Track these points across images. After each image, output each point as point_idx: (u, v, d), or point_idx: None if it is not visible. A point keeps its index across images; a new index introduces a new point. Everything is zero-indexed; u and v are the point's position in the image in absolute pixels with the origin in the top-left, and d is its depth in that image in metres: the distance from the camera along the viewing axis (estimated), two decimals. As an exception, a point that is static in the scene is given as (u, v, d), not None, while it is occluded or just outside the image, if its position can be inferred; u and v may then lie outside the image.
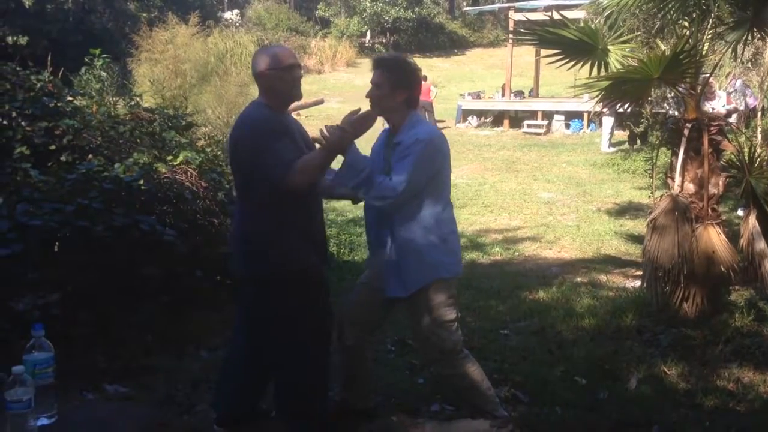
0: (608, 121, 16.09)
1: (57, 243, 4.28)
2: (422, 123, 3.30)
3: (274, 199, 3.01)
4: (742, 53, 5.79)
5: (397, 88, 3.21)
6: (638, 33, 7.57)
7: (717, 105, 11.28)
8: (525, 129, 20.00)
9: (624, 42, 5.36)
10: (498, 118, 21.38)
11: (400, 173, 3.08)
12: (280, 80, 3.08)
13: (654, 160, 6.00)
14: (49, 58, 8.71)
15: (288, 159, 2.95)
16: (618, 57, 5.16)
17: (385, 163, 3.24)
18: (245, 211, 3.14)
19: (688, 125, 5.00)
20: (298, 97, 3.21)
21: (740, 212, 7.86)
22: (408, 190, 3.08)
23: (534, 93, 22.94)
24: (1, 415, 2.20)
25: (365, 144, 3.13)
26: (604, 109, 13.48)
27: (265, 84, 3.10)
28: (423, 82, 14.20)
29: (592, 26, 5.36)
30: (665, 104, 12.35)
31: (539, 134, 19.48)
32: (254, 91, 3.52)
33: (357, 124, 3.04)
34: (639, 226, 8.69)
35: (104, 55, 11.14)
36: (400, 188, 3.06)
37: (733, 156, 5.27)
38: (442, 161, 3.24)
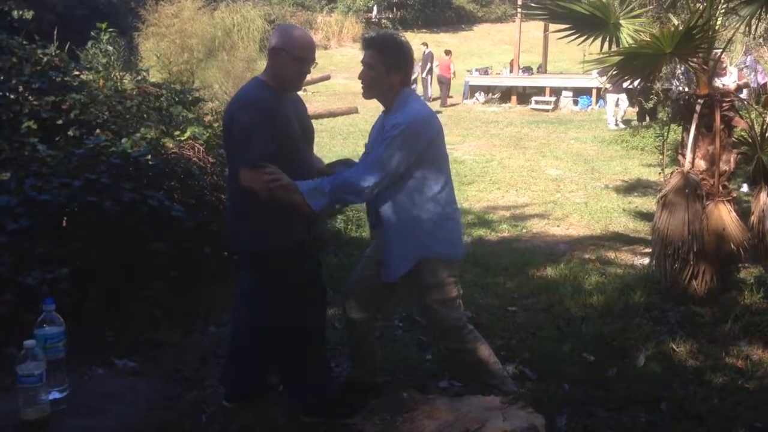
0: (612, 98, 15.97)
1: (65, 218, 4.28)
2: (409, 103, 3.16)
3: None
4: (756, 28, 5.70)
5: (392, 70, 3.13)
6: (650, 7, 7.48)
7: (728, 81, 11.17)
8: (533, 105, 19.89)
9: (636, 16, 5.29)
10: (506, 94, 21.26)
11: (370, 162, 3.05)
12: (286, 66, 3.03)
13: (665, 137, 5.94)
14: (55, 32, 8.67)
15: (260, 154, 2.91)
16: (630, 32, 5.09)
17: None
18: (231, 184, 3.12)
19: (700, 101, 4.94)
20: (296, 89, 3.17)
21: (745, 188, 7.82)
22: (380, 179, 3.03)
23: (542, 69, 22.79)
24: (13, 388, 2.22)
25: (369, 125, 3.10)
26: (608, 86, 13.38)
27: (271, 62, 3.08)
28: (444, 57, 14.56)
29: (604, 0, 5.28)
30: (674, 80, 12.24)
31: (547, 111, 19.37)
32: (262, 67, 3.49)
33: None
34: (648, 203, 8.65)
35: (110, 29, 11.07)
36: (366, 184, 3.02)
37: (744, 132, 5.22)
38: (427, 142, 3.12)
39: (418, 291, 3.28)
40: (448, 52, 21.42)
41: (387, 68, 3.12)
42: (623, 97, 15.92)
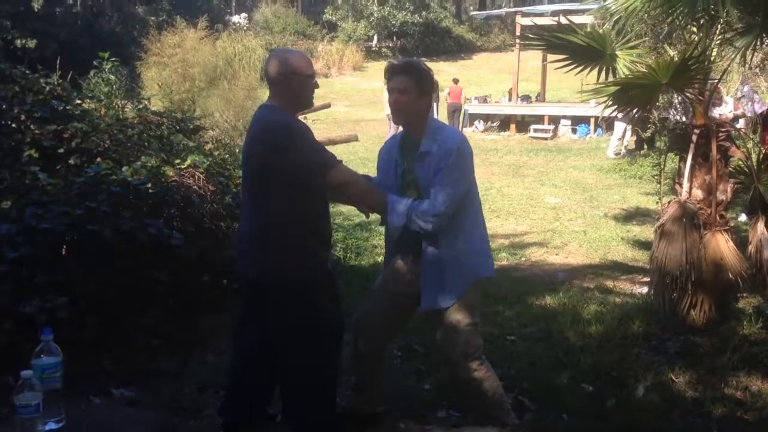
0: (620, 127, 15.88)
1: (65, 246, 4.29)
2: (444, 128, 3.32)
3: (297, 203, 3.02)
4: (751, 59, 5.76)
5: (423, 94, 3.22)
6: (646, 38, 7.57)
7: (724, 111, 11.24)
8: (532, 133, 19.98)
9: (632, 47, 5.35)
10: (504, 122, 21.36)
11: (440, 192, 3.09)
12: (302, 86, 3.10)
13: (662, 166, 5.98)
14: (57, 61, 8.74)
15: (331, 158, 3.05)
16: (626, 62, 5.15)
17: (400, 169, 3.27)
18: (262, 214, 3.08)
19: (696, 131, 4.98)
20: (311, 105, 3.25)
21: (742, 217, 7.84)
22: (451, 207, 3.10)
23: (541, 97, 22.92)
24: (10, 419, 2.21)
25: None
26: (618, 114, 13.41)
27: (286, 88, 3.08)
28: (455, 85, 14.83)
29: (600, 31, 5.35)
30: (671, 110, 12.33)
31: (546, 139, 19.46)
32: (263, 95, 3.52)
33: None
34: (646, 232, 8.66)
35: (113, 59, 11.17)
36: (443, 208, 3.08)
37: (741, 162, 5.25)
38: (472, 165, 3.28)
39: (447, 315, 3.25)
40: (456, 81, 21.55)
41: (419, 93, 3.20)
42: (629, 126, 15.87)
